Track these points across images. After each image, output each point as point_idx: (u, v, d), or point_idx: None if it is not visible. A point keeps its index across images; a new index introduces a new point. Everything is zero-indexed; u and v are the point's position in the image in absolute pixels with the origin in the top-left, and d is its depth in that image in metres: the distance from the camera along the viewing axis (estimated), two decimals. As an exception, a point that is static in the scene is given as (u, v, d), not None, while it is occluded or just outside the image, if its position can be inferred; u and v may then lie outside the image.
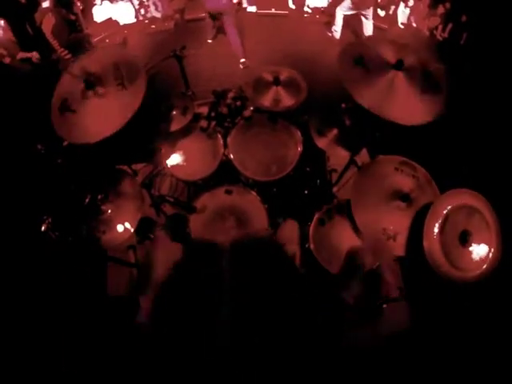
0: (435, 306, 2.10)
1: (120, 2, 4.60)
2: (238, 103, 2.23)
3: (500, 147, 2.78)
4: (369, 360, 1.89)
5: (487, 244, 1.48)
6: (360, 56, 1.63)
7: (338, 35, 4.16)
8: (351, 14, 3.97)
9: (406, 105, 1.57)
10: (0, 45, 3.38)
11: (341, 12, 3.95)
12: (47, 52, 3.54)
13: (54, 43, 3.54)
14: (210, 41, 4.38)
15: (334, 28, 4.14)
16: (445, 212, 1.48)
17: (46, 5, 3.58)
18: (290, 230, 1.88)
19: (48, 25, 3.51)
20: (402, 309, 2.08)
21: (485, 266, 1.45)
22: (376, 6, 4.31)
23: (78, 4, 4.15)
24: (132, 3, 4.61)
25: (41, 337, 2.16)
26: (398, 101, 1.57)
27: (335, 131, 2.10)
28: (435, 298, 2.04)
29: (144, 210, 1.81)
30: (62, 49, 3.57)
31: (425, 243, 1.45)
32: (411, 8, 4.27)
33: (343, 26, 4.10)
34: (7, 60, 3.42)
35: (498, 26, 3.35)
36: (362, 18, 3.91)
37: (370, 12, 3.85)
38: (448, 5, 3.98)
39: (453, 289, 1.69)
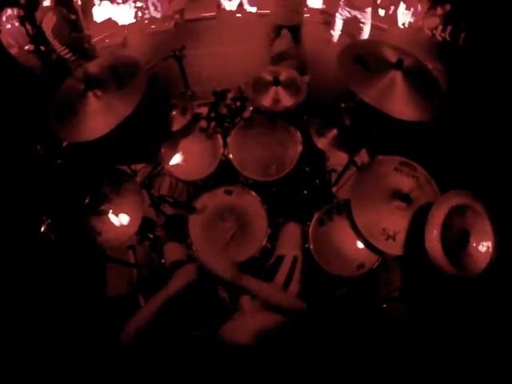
0: (435, 306, 2.10)
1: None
2: (238, 103, 2.23)
3: (500, 147, 2.78)
4: (369, 360, 1.90)
5: (487, 238, 1.48)
6: (360, 55, 1.63)
7: (335, 39, 4.18)
8: (350, 19, 3.93)
9: (406, 101, 1.56)
10: (11, 35, 3.33)
11: (340, 17, 3.93)
12: (48, 51, 3.53)
13: (55, 42, 3.52)
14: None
15: (332, 31, 4.14)
16: (443, 218, 1.47)
17: (46, 3, 3.57)
18: (291, 234, 1.86)
19: (48, 24, 3.49)
20: (402, 310, 2.08)
21: (489, 259, 1.45)
22: (376, 6, 4.31)
23: (79, 3, 4.14)
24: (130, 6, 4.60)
25: (40, 337, 2.16)
26: (398, 97, 1.56)
27: (335, 131, 2.10)
28: (435, 298, 2.04)
29: (144, 210, 1.81)
30: (63, 47, 3.55)
31: (433, 259, 1.43)
32: (411, 8, 4.27)
33: (342, 31, 4.10)
34: (14, 50, 3.37)
35: (497, 28, 3.35)
36: (360, 25, 3.87)
37: (367, 17, 3.80)
38: (448, 6, 3.99)
39: (453, 288, 1.69)
